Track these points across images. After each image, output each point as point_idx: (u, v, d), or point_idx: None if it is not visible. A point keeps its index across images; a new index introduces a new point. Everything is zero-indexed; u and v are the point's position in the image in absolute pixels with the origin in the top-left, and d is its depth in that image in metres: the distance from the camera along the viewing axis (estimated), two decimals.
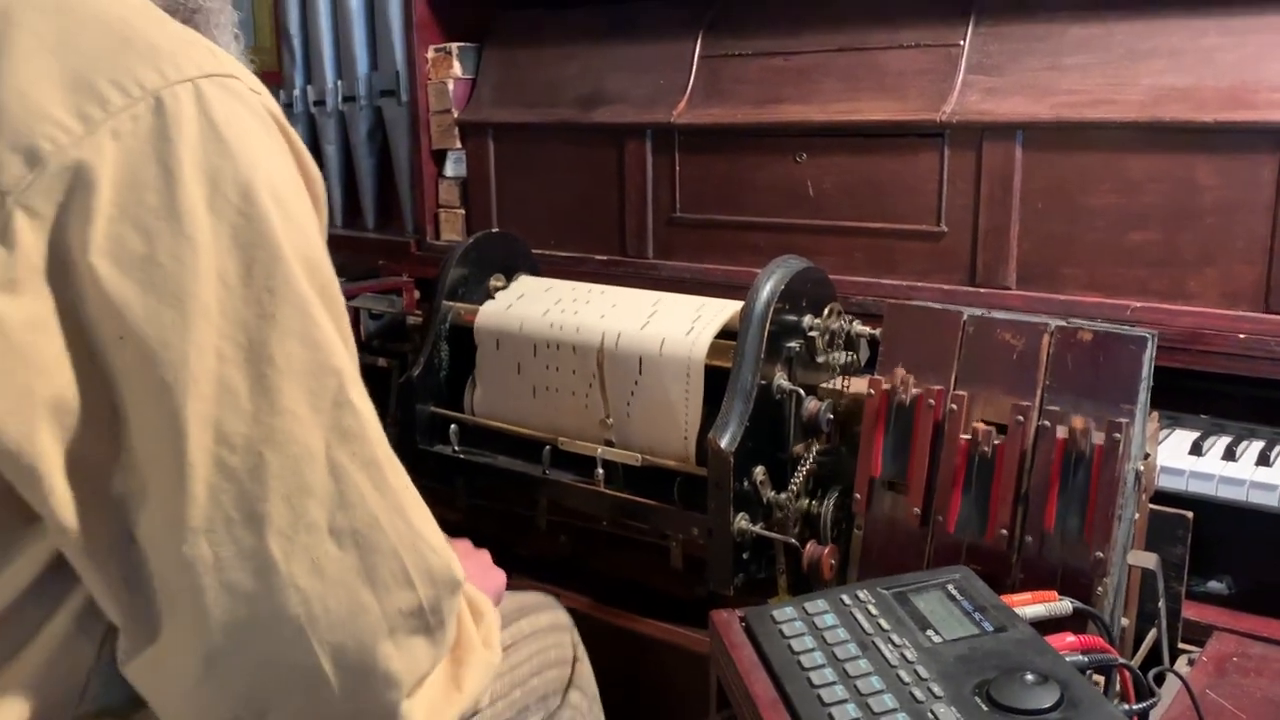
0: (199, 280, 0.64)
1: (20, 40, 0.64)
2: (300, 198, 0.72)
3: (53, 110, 0.62)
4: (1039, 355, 1.16)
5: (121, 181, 0.63)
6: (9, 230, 0.60)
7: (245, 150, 0.67)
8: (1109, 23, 1.53)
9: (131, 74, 0.65)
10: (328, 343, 0.68)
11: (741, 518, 1.28)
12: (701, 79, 1.88)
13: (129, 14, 0.69)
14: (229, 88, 0.68)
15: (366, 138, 2.39)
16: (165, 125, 0.64)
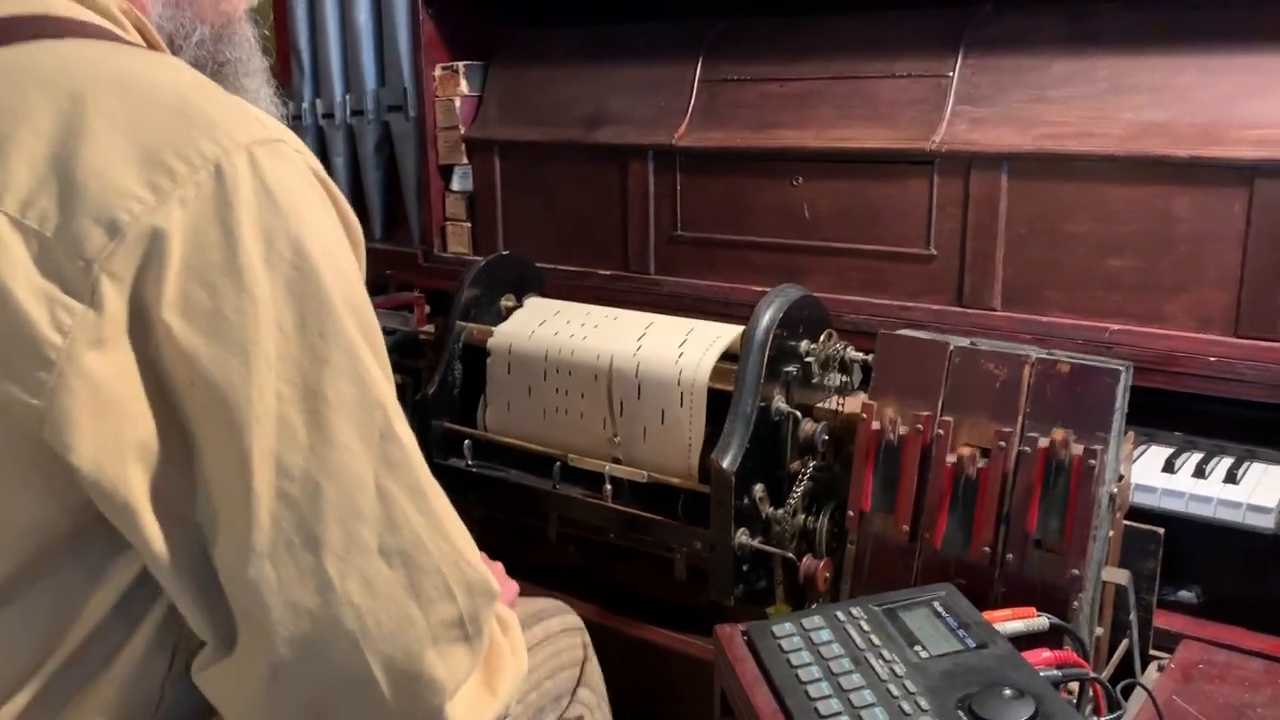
0: (259, 330, 0.71)
1: (94, 122, 0.71)
2: (342, 246, 0.80)
3: (128, 184, 0.69)
4: (1020, 384, 1.24)
5: (189, 244, 0.70)
6: (96, 294, 0.68)
7: (295, 209, 0.74)
8: (1092, 58, 1.60)
9: (194, 146, 0.72)
10: (373, 381, 0.76)
11: (742, 533, 1.37)
12: (701, 102, 1.96)
13: (184, 89, 0.76)
14: (278, 152, 0.75)
15: (374, 151, 2.46)
16: (225, 191, 0.71)
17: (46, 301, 0.67)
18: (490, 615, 0.81)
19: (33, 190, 0.69)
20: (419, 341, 1.77)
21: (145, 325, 0.69)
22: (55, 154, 0.70)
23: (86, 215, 0.68)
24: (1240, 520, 1.35)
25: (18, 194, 0.69)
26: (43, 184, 0.69)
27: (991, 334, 1.65)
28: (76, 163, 0.69)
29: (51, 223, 0.68)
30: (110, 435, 0.68)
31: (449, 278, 2.29)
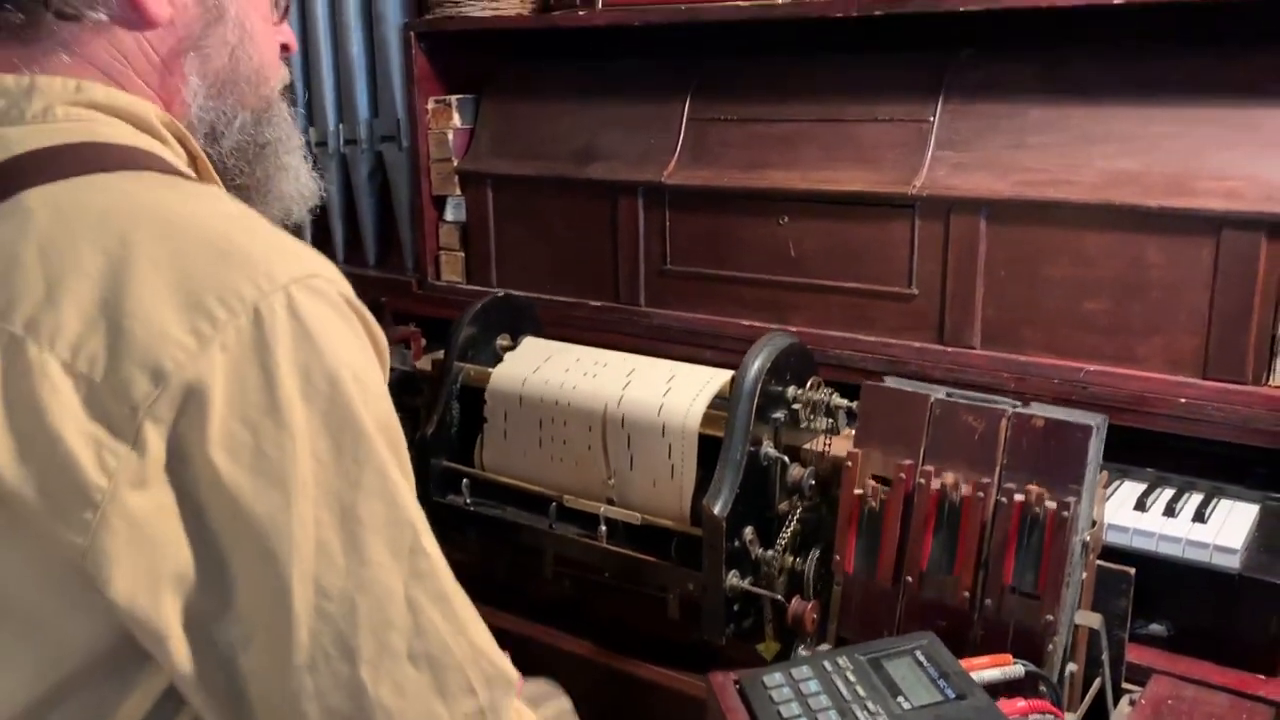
0: (298, 462, 0.75)
1: (140, 265, 0.75)
2: (371, 368, 0.84)
3: (172, 330, 0.74)
4: (998, 437, 1.30)
5: (230, 386, 0.74)
6: (140, 438, 0.72)
7: (329, 342, 0.78)
8: (1066, 106, 1.66)
9: (233, 289, 0.76)
10: (402, 499, 0.80)
11: (733, 575, 1.43)
12: (690, 140, 2.01)
13: (226, 226, 0.80)
14: (313, 287, 0.79)
15: (367, 179, 2.50)
16: (263, 334, 0.75)
17: (94, 445, 0.71)
18: (509, 704, 0.86)
19: (82, 335, 0.73)
20: (416, 378, 1.82)
21: (186, 463, 0.73)
22: (104, 298, 0.74)
23: (133, 361, 0.72)
24: (1208, 560, 1.41)
25: (69, 338, 0.73)
26: (92, 328, 0.73)
27: (971, 371, 1.72)
28: (124, 307, 0.73)
29: (100, 367, 0.72)
30: (146, 568, 0.73)
31: (443, 305, 2.35)
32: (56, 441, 0.72)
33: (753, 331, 1.92)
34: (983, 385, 1.70)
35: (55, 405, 0.72)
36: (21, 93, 0.85)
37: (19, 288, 0.75)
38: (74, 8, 0.87)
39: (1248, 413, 1.50)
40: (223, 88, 0.98)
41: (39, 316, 0.74)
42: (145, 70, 0.93)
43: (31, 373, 0.73)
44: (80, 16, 0.88)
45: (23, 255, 0.76)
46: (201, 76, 0.96)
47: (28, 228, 0.77)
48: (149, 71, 0.93)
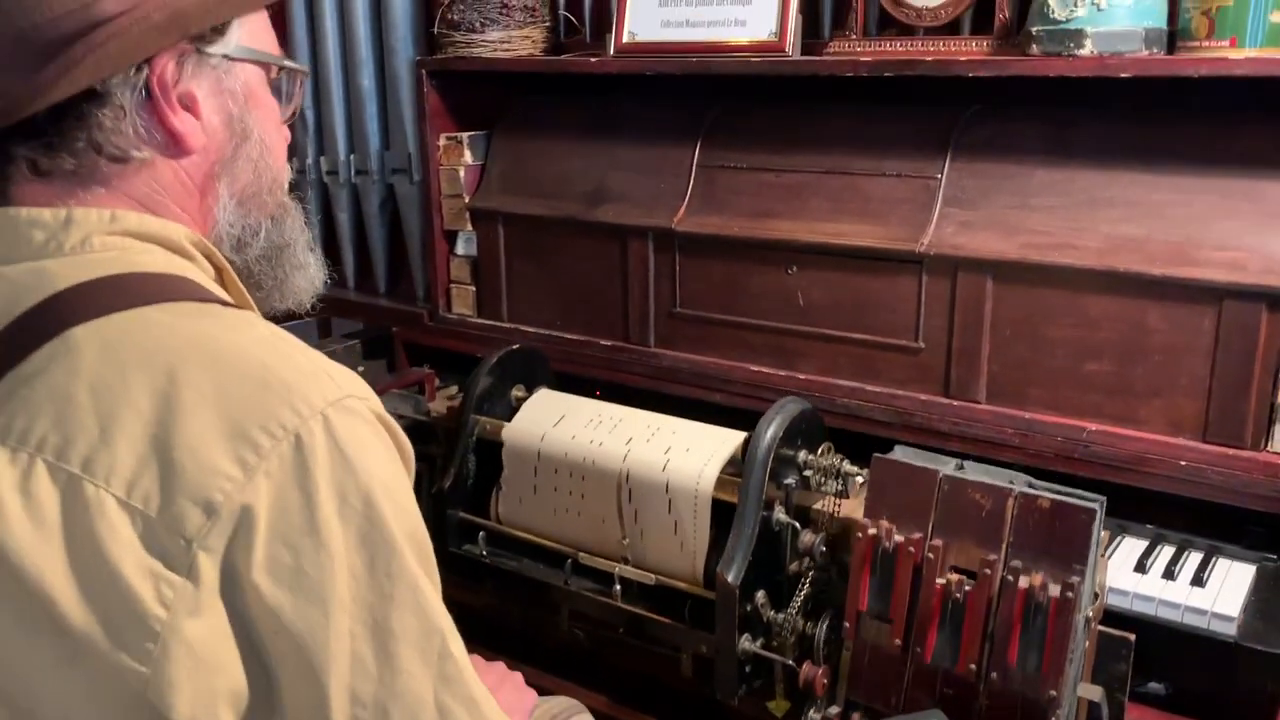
0: (335, 580, 0.80)
1: (187, 400, 0.80)
2: (401, 479, 0.89)
3: (219, 463, 0.78)
4: (1004, 515, 1.34)
5: (274, 510, 0.79)
6: (194, 569, 0.77)
7: (363, 462, 0.83)
8: (1071, 169, 1.69)
9: (275, 417, 0.80)
10: (432, 609, 0.85)
11: (745, 639, 1.47)
12: (700, 187, 2.03)
13: (264, 354, 0.84)
14: (347, 408, 0.84)
15: (379, 209, 2.53)
16: (303, 458, 0.80)
17: (152, 578, 0.76)
18: None
19: (136, 472, 0.77)
20: (431, 427, 1.86)
21: (234, 585, 0.78)
22: (154, 434, 0.78)
23: (185, 496, 0.77)
24: (1205, 626, 1.46)
25: (123, 476, 0.77)
26: (145, 464, 0.78)
27: (976, 426, 1.76)
28: (174, 442, 0.78)
29: (154, 503, 0.77)
30: (205, 690, 0.77)
31: (454, 338, 2.38)
32: (116, 577, 0.76)
33: (761, 377, 1.97)
34: (987, 440, 1.74)
35: (113, 542, 0.77)
36: (59, 225, 0.89)
37: (74, 427, 0.79)
38: (123, 151, 0.91)
39: (1246, 478, 1.55)
40: (248, 201, 1.02)
41: (94, 455, 0.78)
42: (181, 196, 0.97)
43: (90, 510, 0.77)
44: (128, 159, 0.91)
45: (76, 395, 0.80)
46: (231, 194, 1.00)
47: (78, 366, 0.81)
48: (184, 196, 0.97)
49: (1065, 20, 1.56)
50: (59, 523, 0.77)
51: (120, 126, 0.90)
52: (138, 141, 0.91)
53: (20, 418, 0.80)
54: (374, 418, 0.88)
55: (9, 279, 0.88)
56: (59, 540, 0.76)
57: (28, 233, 0.88)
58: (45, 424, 0.79)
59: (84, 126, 0.88)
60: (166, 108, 0.91)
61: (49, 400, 0.80)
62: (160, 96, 0.91)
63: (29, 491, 0.77)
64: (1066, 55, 1.59)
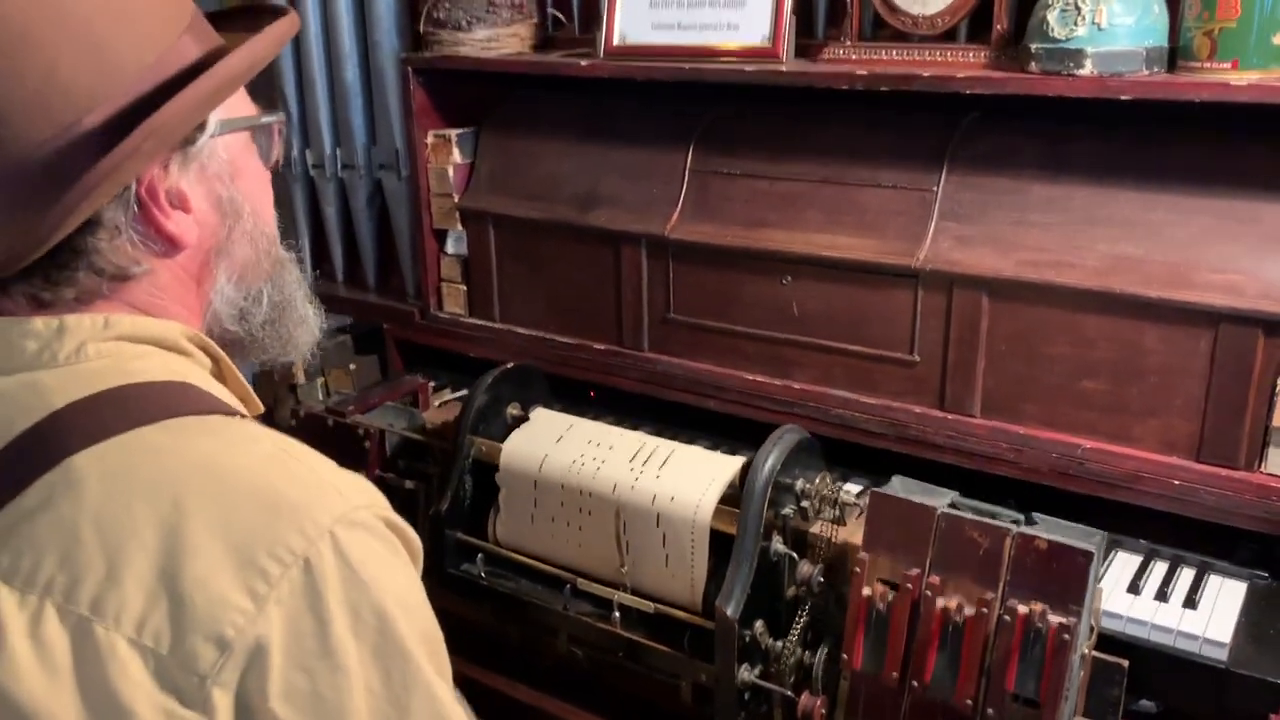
0: (352, 698, 0.80)
1: (193, 531, 0.79)
2: (411, 583, 0.89)
3: (230, 595, 0.78)
4: (1001, 554, 1.35)
5: (287, 638, 0.79)
6: (209, 704, 0.76)
7: (374, 575, 0.83)
8: (1068, 186, 1.68)
9: (283, 542, 0.80)
10: (445, 710, 0.86)
11: (744, 669, 1.49)
12: (692, 193, 2.01)
13: (267, 473, 0.83)
14: (354, 522, 0.84)
15: (366, 204, 2.50)
16: (314, 582, 0.80)
17: (165, 716, 0.76)
18: None
19: (146, 610, 0.77)
20: (427, 447, 1.85)
21: (251, 715, 0.78)
22: (162, 568, 0.77)
23: (197, 633, 0.76)
24: (1197, 651, 1.48)
25: (133, 614, 0.76)
26: (154, 602, 0.77)
27: (971, 440, 1.76)
28: (183, 576, 0.77)
29: (166, 641, 0.76)
30: None
31: (445, 337, 2.37)
32: (130, 717, 0.76)
33: (755, 386, 1.97)
34: (982, 454, 1.75)
35: (126, 683, 0.76)
36: (52, 334, 0.88)
37: (81, 566, 0.78)
38: (123, 269, 0.89)
39: (1239, 498, 1.56)
40: (245, 272, 1.01)
41: (103, 595, 0.77)
42: (178, 292, 0.95)
43: (100, 653, 0.77)
44: (129, 275, 0.90)
45: (81, 531, 0.79)
46: (229, 274, 0.99)
47: (82, 501, 0.80)
48: (182, 292, 0.96)
49: (1065, 39, 1.54)
50: (70, 668, 0.76)
51: (116, 245, 0.88)
52: (135, 255, 0.90)
53: (26, 557, 0.79)
54: (382, 525, 0.87)
55: (3, 393, 0.86)
56: (71, 686, 0.76)
57: (20, 343, 0.87)
58: (52, 563, 0.78)
59: (81, 254, 0.87)
60: (158, 213, 0.90)
61: (54, 538, 0.79)
62: (151, 204, 0.89)
63: (39, 637, 0.76)
64: (1066, 74, 1.56)
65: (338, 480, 0.86)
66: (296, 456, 0.86)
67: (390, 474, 1.85)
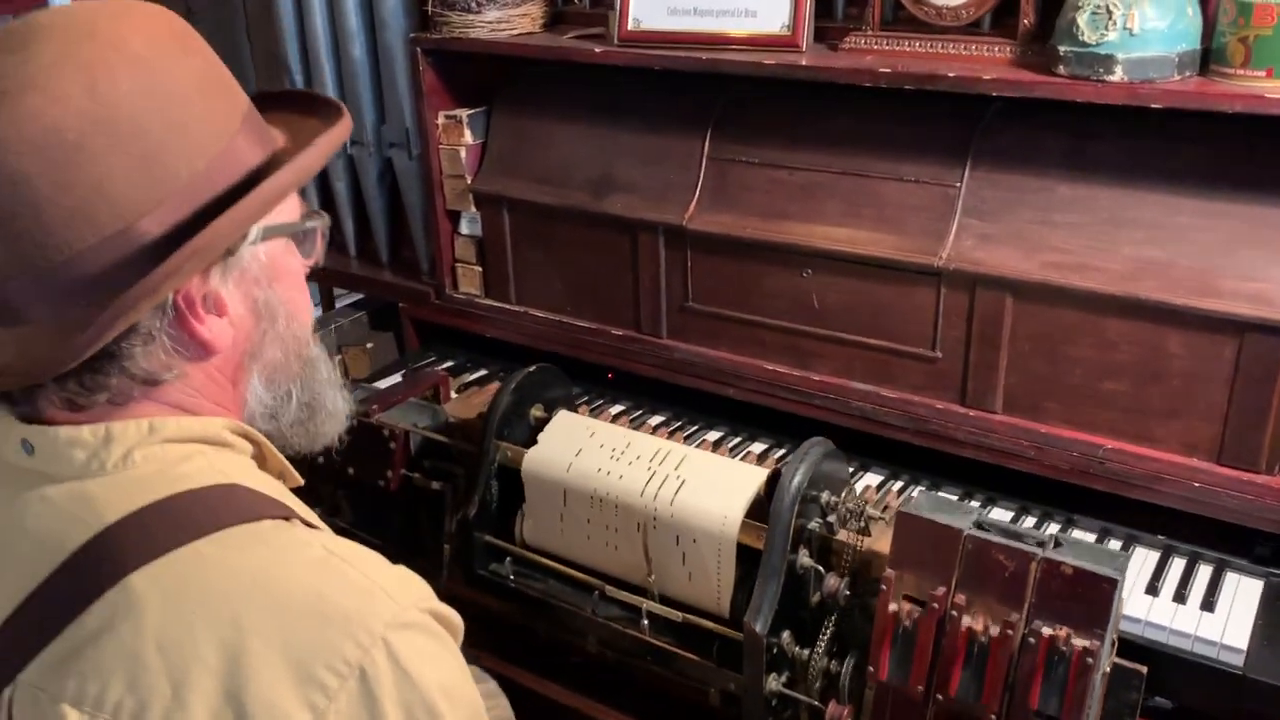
0: None
1: (253, 649, 0.81)
2: (457, 669, 0.92)
3: (292, 711, 0.80)
4: (1027, 577, 1.37)
5: None
6: None
7: (425, 673, 0.86)
8: (1094, 186, 1.66)
9: (339, 654, 0.82)
10: None
11: (772, 678, 1.52)
12: (710, 180, 1.99)
13: (319, 581, 0.85)
14: (405, 623, 0.86)
15: (377, 181, 2.47)
16: (370, 689, 0.82)
17: None
18: None
19: None
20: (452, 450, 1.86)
21: None
22: (227, 689, 0.80)
23: None
24: (1215, 656, 1.51)
25: None
26: None
27: (992, 436, 1.78)
28: (246, 695, 0.80)
29: None
30: None
31: (461, 317, 2.37)
32: None
33: (775, 376, 1.98)
34: (1002, 450, 1.77)
35: None
36: (99, 443, 0.88)
37: (147, 691, 0.81)
38: (156, 374, 0.89)
39: (1259, 502, 1.58)
40: (276, 374, 1.01)
41: (171, 718, 0.80)
42: (214, 392, 0.95)
43: None
44: (161, 380, 0.90)
45: (145, 655, 0.81)
46: (261, 376, 1.00)
47: (143, 624, 0.82)
48: (217, 391, 0.96)
49: (1095, 44, 1.51)
50: None
51: (150, 350, 0.88)
52: (168, 361, 0.90)
53: (93, 681, 0.81)
54: (429, 619, 0.89)
55: (53, 503, 0.87)
56: None
57: (68, 452, 0.88)
58: (119, 688, 0.80)
59: (115, 359, 0.87)
60: (194, 320, 0.89)
61: (119, 662, 0.81)
62: (187, 311, 0.89)
63: None
64: (1095, 80, 1.53)
65: (385, 580, 0.87)
66: (344, 557, 0.88)
67: (416, 474, 1.87)
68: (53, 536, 0.85)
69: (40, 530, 0.86)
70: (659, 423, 2.12)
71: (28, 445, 0.89)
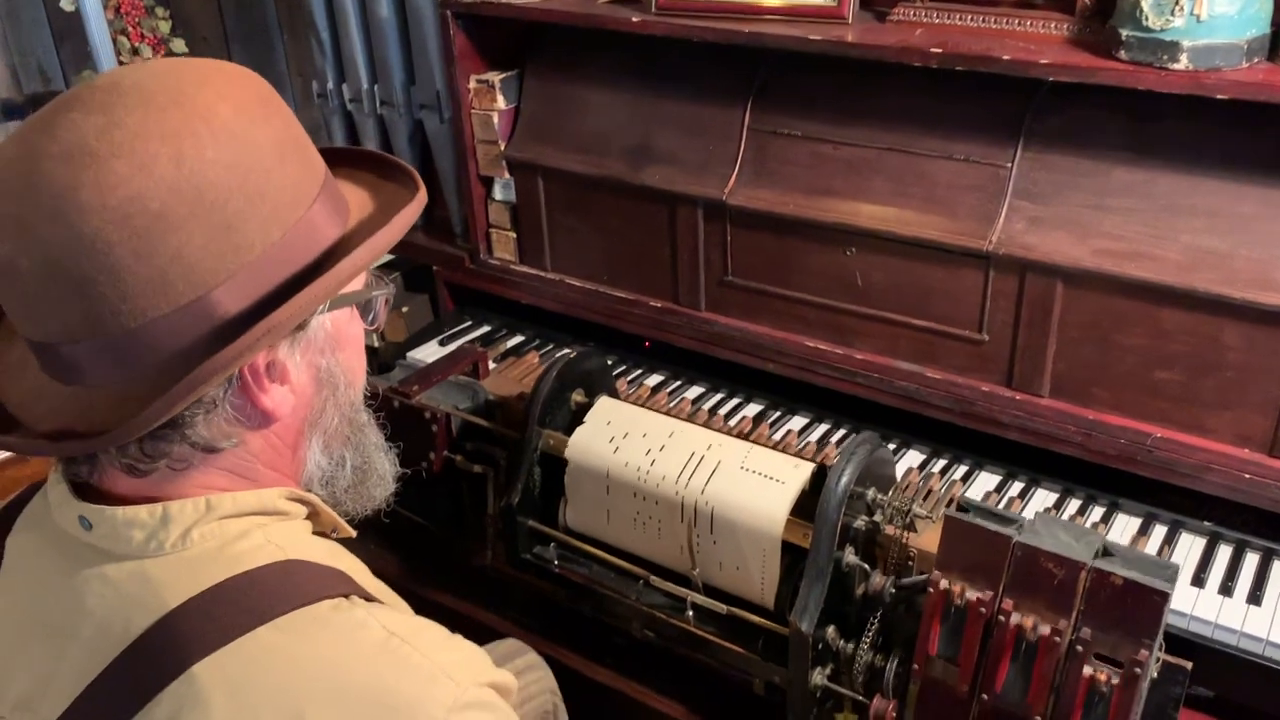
0: None
1: None
2: None
3: None
4: (1076, 586, 1.37)
5: None
6: None
7: None
8: (1152, 171, 1.61)
9: None
10: None
11: (817, 673, 1.54)
12: (750, 153, 1.94)
13: (382, 668, 0.84)
14: (466, 704, 0.85)
15: (408, 143, 2.43)
16: None
17: None
18: None
19: None
20: (494, 434, 1.86)
21: None
22: None
23: None
24: (1261, 653, 1.52)
25: None
26: None
27: (1038, 420, 1.76)
28: None
29: None
30: None
31: (496, 283, 2.36)
32: None
33: (816, 353, 1.96)
34: (1048, 434, 1.75)
35: None
36: (157, 524, 0.88)
37: None
38: (216, 443, 0.88)
39: None
40: (331, 439, 1.00)
41: None
42: (272, 459, 0.95)
43: None
44: (220, 449, 0.89)
45: None
46: (319, 440, 0.98)
47: (210, 717, 0.82)
48: (275, 458, 0.95)
49: (1160, 29, 1.44)
50: None
51: (212, 419, 0.87)
52: (229, 430, 0.89)
53: None
54: (490, 693, 0.89)
55: (114, 584, 0.87)
56: None
57: (126, 533, 0.88)
58: None
59: (178, 430, 0.86)
60: (258, 390, 0.88)
61: None
62: (252, 381, 0.88)
63: None
64: (1158, 67, 1.47)
65: (444, 660, 0.87)
66: (404, 638, 0.87)
67: (458, 456, 1.87)
68: (116, 620, 0.86)
69: (103, 612, 0.87)
70: (698, 394, 2.12)
71: (85, 521, 0.89)
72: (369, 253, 0.89)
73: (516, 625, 1.87)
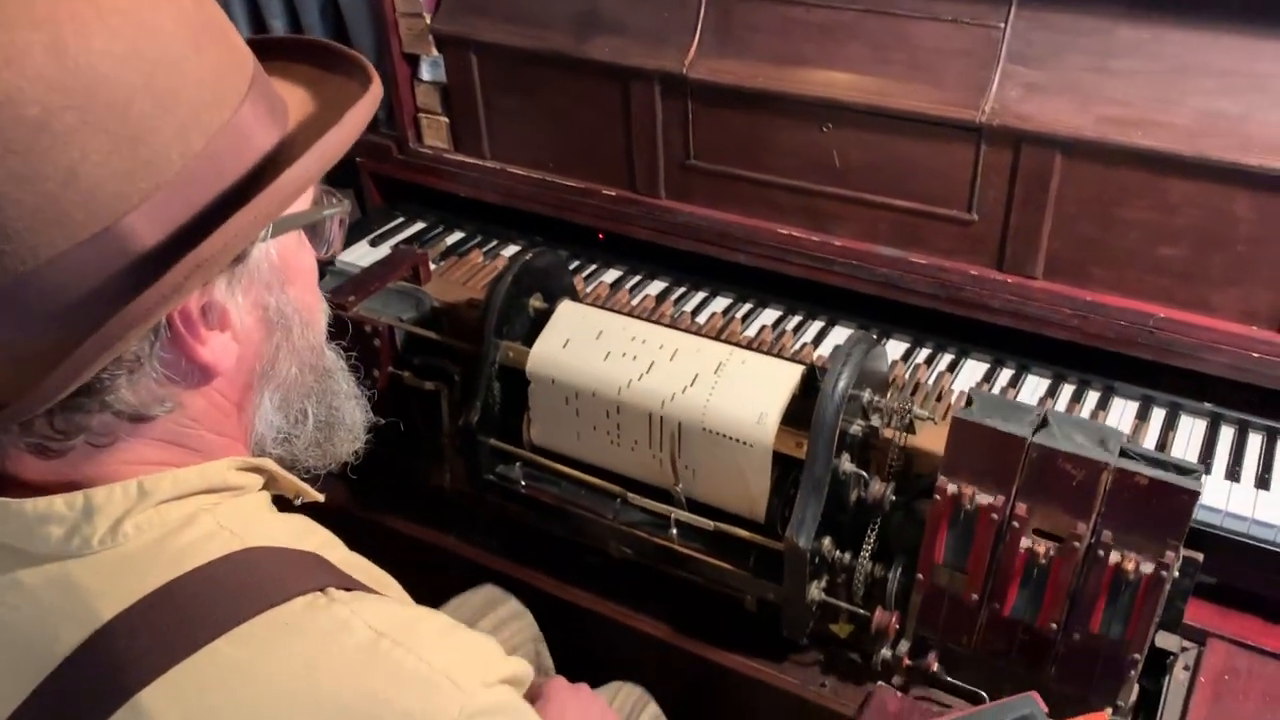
0: None
1: None
2: None
3: None
4: (1097, 488, 1.28)
5: None
6: None
7: None
8: (1160, 28, 1.47)
9: None
10: None
11: (814, 586, 1.44)
12: (712, 20, 1.75)
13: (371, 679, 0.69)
14: (475, 710, 0.71)
15: (319, 18, 2.18)
16: None
17: None
18: None
19: None
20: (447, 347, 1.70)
21: None
22: None
23: None
24: (1273, 539, 1.45)
25: None
26: None
27: (1030, 304, 1.65)
28: None
29: None
30: None
31: (428, 173, 2.16)
32: None
33: (790, 240, 1.81)
34: (1041, 318, 1.65)
35: None
36: (79, 516, 0.71)
37: None
38: (145, 409, 0.71)
39: None
40: (289, 391, 0.83)
41: None
42: (215, 420, 0.78)
43: None
44: (151, 416, 0.72)
45: None
46: (273, 395, 0.82)
47: None
48: (219, 419, 0.78)
49: None
50: None
51: (138, 380, 0.70)
52: (161, 392, 0.71)
53: None
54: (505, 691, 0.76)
55: (31, 592, 0.71)
56: None
57: (41, 529, 0.71)
58: None
59: (94, 394, 0.68)
60: (193, 341, 0.71)
61: None
62: (185, 331, 0.70)
63: None
64: None
65: (446, 661, 0.72)
66: (395, 639, 0.72)
67: (406, 372, 1.71)
68: (37, 637, 0.70)
69: (21, 627, 0.70)
70: (661, 290, 1.97)
71: None
72: (318, 160, 0.71)
73: (482, 549, 1.74)
